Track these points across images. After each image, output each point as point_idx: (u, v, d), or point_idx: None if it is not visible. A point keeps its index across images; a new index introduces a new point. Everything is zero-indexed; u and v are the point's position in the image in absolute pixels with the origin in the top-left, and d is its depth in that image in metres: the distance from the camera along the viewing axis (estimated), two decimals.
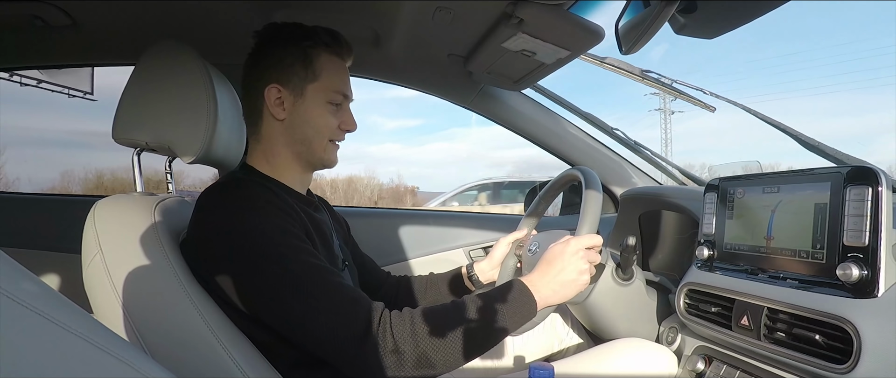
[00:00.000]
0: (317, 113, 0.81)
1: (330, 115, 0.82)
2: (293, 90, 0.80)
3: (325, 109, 0.82)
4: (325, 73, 0.81)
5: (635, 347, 0.91)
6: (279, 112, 0.80)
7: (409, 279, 1.10)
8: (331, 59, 0.82)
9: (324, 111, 0.82)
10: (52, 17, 1.05)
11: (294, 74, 0.80)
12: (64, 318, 0.28)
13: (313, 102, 0.81)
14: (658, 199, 1.30)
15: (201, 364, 0.66)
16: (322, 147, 0.83)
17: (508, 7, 0.94)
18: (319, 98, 0.81)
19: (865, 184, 0.67)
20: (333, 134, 0.83)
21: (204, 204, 0.73)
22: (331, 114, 0.82)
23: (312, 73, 0.80)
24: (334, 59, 0.83)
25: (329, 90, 0.81)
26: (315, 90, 0.81)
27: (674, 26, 0.75)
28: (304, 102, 0.80)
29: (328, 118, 0.82)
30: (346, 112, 0.85)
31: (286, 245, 0.68)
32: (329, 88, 0.81)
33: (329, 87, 0.81)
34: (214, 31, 1.14)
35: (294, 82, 0.80)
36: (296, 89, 0.80)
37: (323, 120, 0.82)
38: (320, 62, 0.81)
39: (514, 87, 1.35)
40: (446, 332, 0.68)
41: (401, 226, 1.57)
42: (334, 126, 0.83)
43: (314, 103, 0.81)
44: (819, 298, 0.69)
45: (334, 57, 0.83)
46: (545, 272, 0.79)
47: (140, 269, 0.69)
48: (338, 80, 0.82)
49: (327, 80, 0.81)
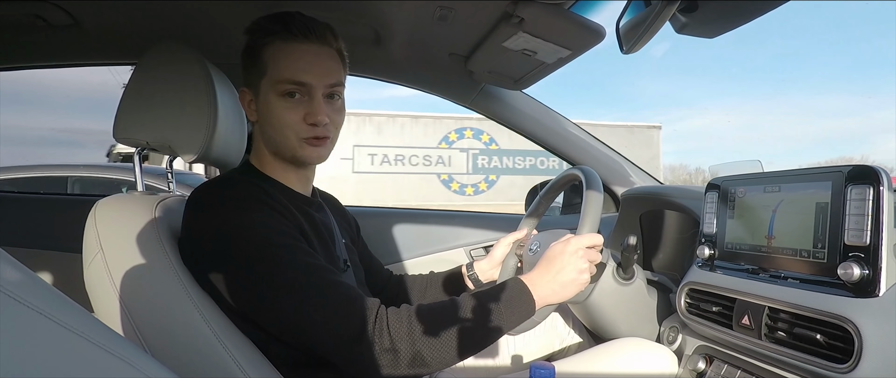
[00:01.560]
0: (271, 110, 0.75)
1: (285, 109, 0.74)
2: (253, 89, 0.78)
3: (278, 104, 0.74)
4: (272, 64, 0.74)
5: (636, 347, 0.91)
6: (252, 114, 0.80)
7: (409, 278, 1.10)
8: (279, 47, 0.74)
9: (277, 106, 0.74)
10: (54, 17, 1.05)
11: (250, 72, 0.78)
12: (65, 318, 0.28)
13: (267, 99, 0.75)
14: (659, 199, 1.30)
15: (202, 363, 0.66)
16: (290, 146, 0.76)
17: (509, 6, 0.94)
18: (271, 92, 0.75)
19: (867, 183, 0.67)
20: (298, 129, 0.75)
21: (193, 202, 0.72)
22: (286, 108, 0.74)
23: (261, 67, 0.75)
24: (283, 46, 0.74)
25: (276, 82, 0.74)
26: (266, 86, 0.75)
27: (674, 25, 0.75)
28: (261, 101, 0.77)
29: (283, 113, 0.74)
30: (309, 102, 0.75)
31: (276, 243, 0.68)
32: (276, 79, 0.74)
33: (275, 77, 0.74)
34: (215, 31, 1.14)
35: (252, 81, 0.78)
36: (254, 88, 0.78)
37: (278, 117, 0.75)
38: (267, 53, 0.74)
39: (514, 86, 1.34)
40: (444, 330, 0.67)
41: (401, 225, 1.56)
42: (295, 120, 0.74)
43: (267, 99, 0.75)
44: (820, 298, 0.69)
45: (282, 43, 0.74)
46: (545, 271, 0.79)
47: (141, 268, 0.69)
48: (285, 68, 0.74)
49: (275, 71, 0.74)
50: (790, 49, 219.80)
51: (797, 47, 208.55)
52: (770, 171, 0.88)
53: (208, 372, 0.66)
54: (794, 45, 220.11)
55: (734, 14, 0.69)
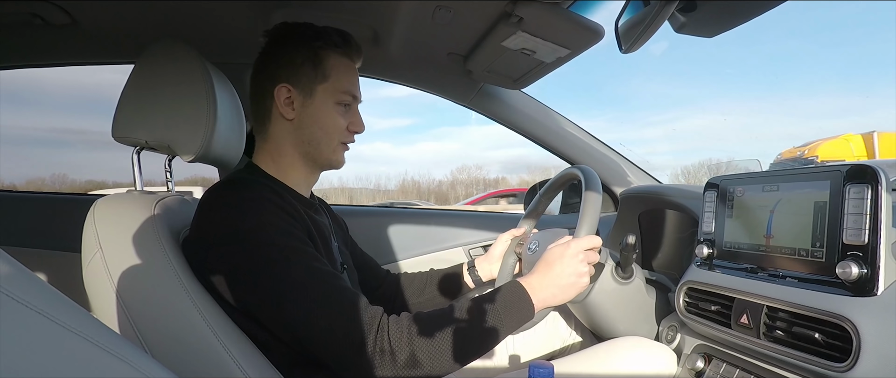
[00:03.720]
0: (326, 113, 0.81)
1: (339, 116, 0.82)
2: (303, 90, 0.80)
3: (334, 110, 0.82)
4: (335, 74, 0.81)
5: (635, 346, 0.92)
6: (288, 112, 0.80)
7: (408, 277, 1.10)
8: (340, 60, 0.82)
9: (333, 112, 0.82)
10: (52, 16, 1.05)
11: (304, 75, 0.80)
12: (64, 317, 0.28)
13: (322, 103, 0.81)
14: (658, 198, 1.30)
15: (201, 363, 0.66)
16: (331, 148, 0.83)
17: (508, 6, 0.94)
18: (329, 99, 0.81)
19: (865, 182, 0.67)
20: (342, 135, 0.83)
21: (208, 203, 0.73)
22: (339, 115, 0.82)
23: (322, 73, 0.80)
24: (344, 61, 0.83)
25: (338, 91, 0.81)
26: (324, 91, 0.81)
27: (673, 25, 0.75)
28: (314, 103, 0.81)
29: (337, 119, 0.82)
30: (354, 113, 0.85)
31: (289, 247, 0.68)
32: (338, 89, 0.81)
33: (338, 87, 0.81)
34: (214, 31, 1.14)
35: (304, 82, 0.80)
36: (305, 89, 0.80)
37: (331, 121, 0.82)
38: (330, 62, 0.81)
39: (513, 85, 1.35)
40: (444, 338, 0.68)
41: (401, 225, 1.57)
42: (343, 127, 0.83)
43: (323, 104, 0.81)
44: (818, 297, 0.69)
45: (344, 58, 0.83)
46: (544, 274, 0.80)
47: (140, 267, 0.69)
48: (347, 81, 0.82)
49: (337, 81, 0.81)
50: (785, 49, 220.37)
51: (792, 48, 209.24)
52: (769, 171, 0.88)
53: (207, 371, 0.66)
54: (791, 45, 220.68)
55: (733, 14, 0.69)
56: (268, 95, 0.80)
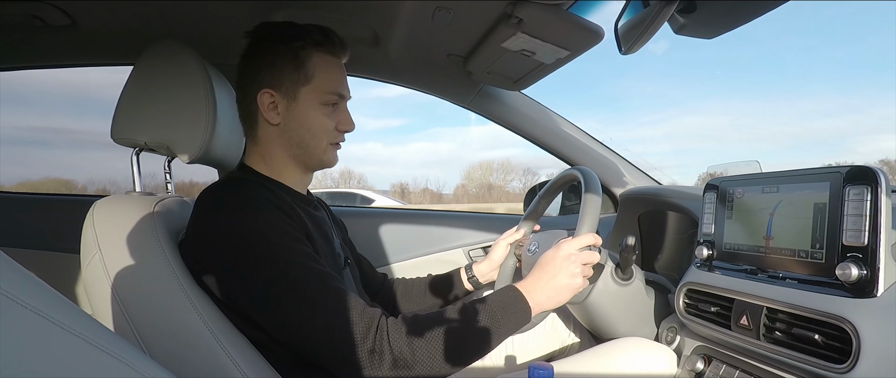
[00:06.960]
0: (312, 116, 0.79)
1: (325, 116, 0.80)
2: (286, 94, 0.78)
3: (320, 112, 0.79)
4: (319, 74, 0.79)
5: (635, 346, 0.91)
6: (273, 117, 0.78)
7: (407, 281, 1.10)
8: (323, 58, 0.80)
9: (319, 113, 0.79)
10: (52, 17, 1.05)
11: (286, 77, 0.78)
12: (63, 318, 0.28)
13: (307, 105, 0.79)
14: (658, 199, 1.30)
15: (200, 363, 0.66)
16: (320, 149, 0.81)
17: (508, 7, 0.94)
18: (313, 100, 0.79)
19: (865, 183, 0.67)
20: (331, 136, 0.81)
21: (204, 203, 0.72)
22: (326, 115, 0.80)
23: (305, 74, 0.78)
24: (327, 58, 0.80)
25: (323, 91, 0.79)
26: (308, 92, 0.78)
27: (673, 26, 0.75)
28: (298, 106, 0.78)
29: (324, 120, 0.80)
30: (342, 112, 0.83)
31: (286, 247, 0.68)
32: (323, 90, 0.79)
33: (323, 88, 0.79)
34: (213, 32, 1.14)
35: (286, 85, 0.78)
36: (288, 93, 0.78)
37: (318, 122, 0.79)
38: (312, 63, 0.78)
39: (513, 87, 1.35)
40: (441, 341, 0.68)
41: (400, 226, 1.56)
42: (330, 127, 0.81)
43: (308, 106, 0.79)
44: (818, 298, 0.69)
45: (327, 55, 0.80)
46: (539, 278, 0.80)
47: (139, 268, 0.69)
48: (332, 80, 0.80)
49: (320, 81, 0.79)
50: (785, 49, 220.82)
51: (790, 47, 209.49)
52: (768, 172, 0.88)
53: (206, 372, 0.66)
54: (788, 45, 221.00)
55: (733, 14, 0.69)
56: (252, 100, 0.79)
